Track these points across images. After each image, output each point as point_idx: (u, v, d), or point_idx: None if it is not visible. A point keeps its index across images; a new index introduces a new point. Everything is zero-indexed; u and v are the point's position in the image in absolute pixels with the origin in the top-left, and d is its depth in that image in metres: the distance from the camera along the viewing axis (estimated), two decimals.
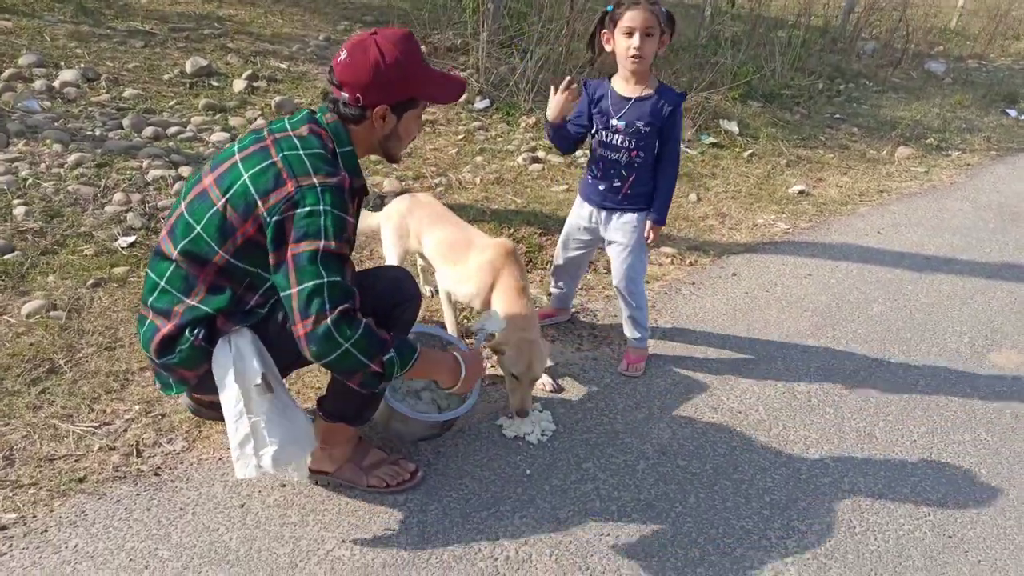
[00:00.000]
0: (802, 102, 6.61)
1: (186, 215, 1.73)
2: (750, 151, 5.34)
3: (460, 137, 4.79)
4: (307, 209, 1.61)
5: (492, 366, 2.51)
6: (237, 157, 1.72)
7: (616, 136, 2.47)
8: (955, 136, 6.38)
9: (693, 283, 3.46)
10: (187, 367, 1.76)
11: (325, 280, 1.60)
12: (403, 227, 2.66)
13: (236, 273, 1.71)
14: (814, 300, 3.42)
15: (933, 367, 2.97)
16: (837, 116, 6.49)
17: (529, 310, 2.37)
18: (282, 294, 1.65)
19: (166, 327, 1.73)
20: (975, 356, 3.09)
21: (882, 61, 8.38)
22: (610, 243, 2.64)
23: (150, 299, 1.77)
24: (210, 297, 1.72)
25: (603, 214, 2.60)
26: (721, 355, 2.91)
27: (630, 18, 2.32)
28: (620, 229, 2.58)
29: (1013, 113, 7.40)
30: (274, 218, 1.63)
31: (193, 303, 1.72)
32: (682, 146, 5.25)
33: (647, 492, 2.18)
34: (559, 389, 2.57)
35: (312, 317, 1.59)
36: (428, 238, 2.60)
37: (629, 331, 2.74)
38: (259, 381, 1.71)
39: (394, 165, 4.01)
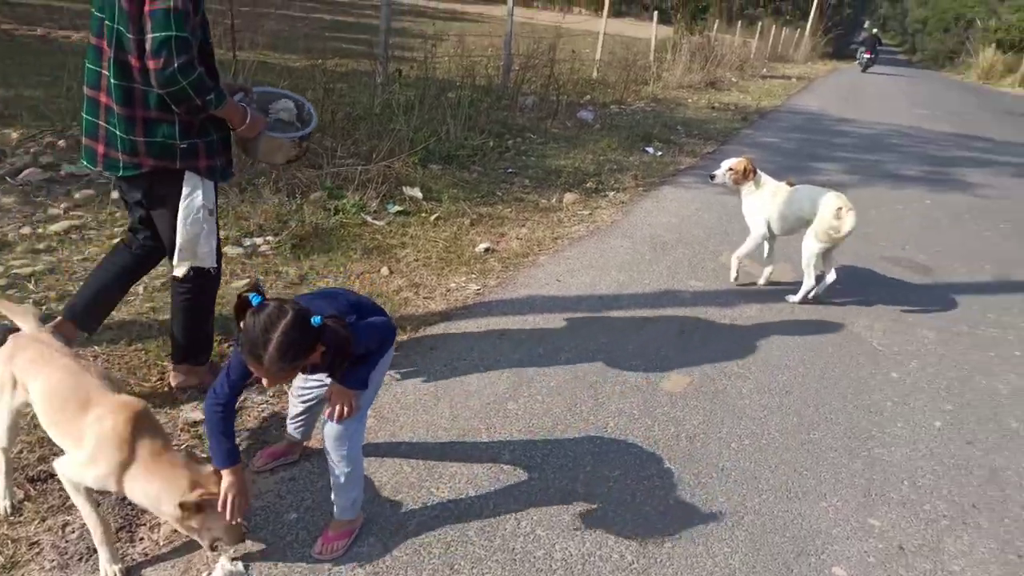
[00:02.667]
0: (477, 160, 7.00)
1: (106, 18, 2.42)
2: (436, 214, 5.48)
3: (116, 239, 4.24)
4: None
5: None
6: None
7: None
8: (609, 177, 7.20)
9: (393, 367, 3.38)
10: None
11: (174, 33, 2.29)
12: (3, 378, 2.13)
13: None
14: (509, 359, 3.53)
15: (619, 408, 3.21)
16: (510, 170, 6.97)
17: (191, 469, 2.01)
18: (145, 37, 2.32)
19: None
20: (651, 387, 3.41)
21: (541, 114, 9.26)
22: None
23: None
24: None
25: None
26: (427, 441, 2.84)
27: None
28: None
29: (651, 150, 8.59)
30: None
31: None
32: (369, 218, 5.24)
33: None
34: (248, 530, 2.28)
35: (163, 59, 2.29)
36: (34, 388, 2.07)
37: (335, 497, 2.27)
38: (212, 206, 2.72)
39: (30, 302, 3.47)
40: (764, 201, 4.57)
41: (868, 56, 31.43)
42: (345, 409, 2.11)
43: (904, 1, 69.97)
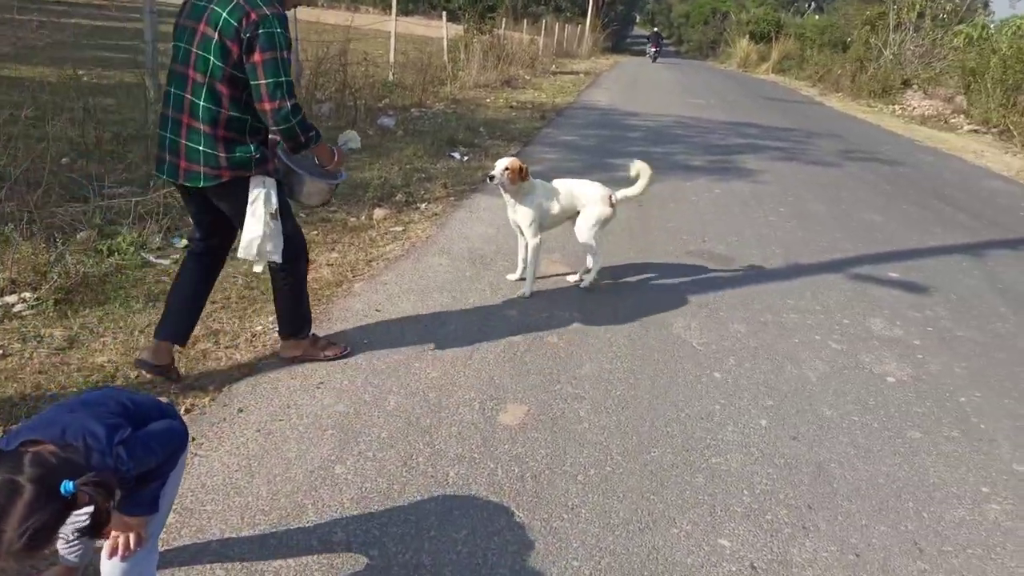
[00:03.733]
0: None
1: (197, 51, 2.80)
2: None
3: None
4: (265, 30, 2.72)
5: None
6: (213, 5, 2.76)
7: None
8: (419, 187, 6.94)
9: (193, 439, 2.91)
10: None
11: (283, 79, 2.78)
12: None
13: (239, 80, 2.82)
14: (332, 413, 3.18)
15: (458, 453, 2.98)
16: None
17: None
18: (252, 83, 2.77)
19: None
20: (489, 423, 3.21)
21: (340, 122, 8.78)
22: None
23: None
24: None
25: None
26: (243, 534, 2.43)
27: None
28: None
29: (457, 156, 8.44)
30: (247, 35, 2.72)
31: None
32: (151, 257, 4.60)
33: None
34: None
35: (278, 101, 2.78)
36: None
37: None
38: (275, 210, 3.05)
39: None
40: (540, 199, 4.60)
41: (655, 50, 38.26)
42: (130, 542, 1.68)
43: None
